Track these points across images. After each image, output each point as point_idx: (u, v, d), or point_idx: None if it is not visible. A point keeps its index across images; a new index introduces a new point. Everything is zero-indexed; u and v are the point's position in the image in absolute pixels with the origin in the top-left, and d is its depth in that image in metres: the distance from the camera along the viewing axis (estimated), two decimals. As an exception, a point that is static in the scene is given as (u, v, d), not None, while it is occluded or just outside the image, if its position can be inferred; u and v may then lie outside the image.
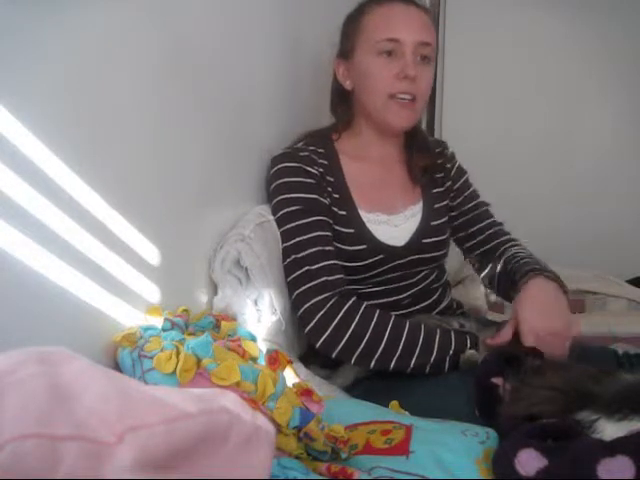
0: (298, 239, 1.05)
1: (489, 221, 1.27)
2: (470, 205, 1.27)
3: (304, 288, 1.02)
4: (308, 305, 1.01)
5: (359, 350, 0.99)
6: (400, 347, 0.99)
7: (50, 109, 0.60)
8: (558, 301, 1.01)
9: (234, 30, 1.04)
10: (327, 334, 0.99)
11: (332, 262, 1.05)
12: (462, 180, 1.29)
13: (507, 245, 1.22)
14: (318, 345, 1.01)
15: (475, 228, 1.26)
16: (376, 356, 0.99)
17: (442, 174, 1.26)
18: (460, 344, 1.00)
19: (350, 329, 0.99)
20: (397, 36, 1.07)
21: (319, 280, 1.02)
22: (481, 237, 1.26)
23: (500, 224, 1.28)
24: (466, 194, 1.27)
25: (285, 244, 1.06)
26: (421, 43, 1.08)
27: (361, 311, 1.00)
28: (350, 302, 1.01)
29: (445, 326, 1.08)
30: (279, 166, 1.11)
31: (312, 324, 1.00)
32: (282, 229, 1.07)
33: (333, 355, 1.01)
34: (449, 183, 1.26)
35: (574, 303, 1.59)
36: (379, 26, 1.09)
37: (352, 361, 1.01)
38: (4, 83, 0.54)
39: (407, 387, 0.98)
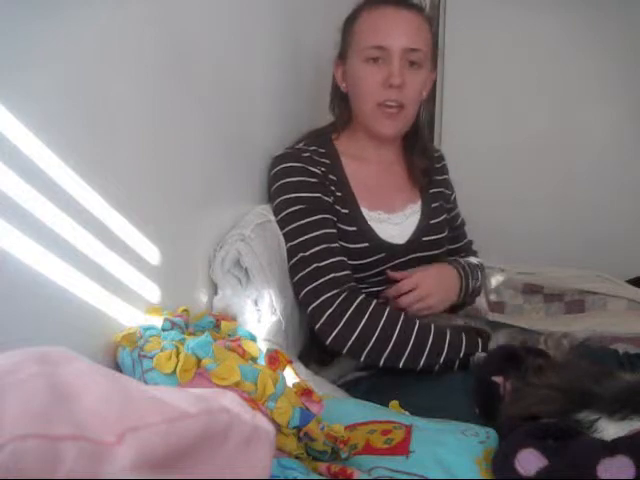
0: (304, 237, 1.05)
1: (466, 241, 1.36)
2: (457, 223, 1.33)
3: (313, 285, 1.02)
4: (318, 302, 1.01)
5: (369, 347, 0.99)
6: (410, 346, 0.99)
7: (50, 109, 0.60)
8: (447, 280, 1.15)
9: (234, 29, 1.04)
10: (337, 330, 0.99)
11: (339, 259, 1.05)
12: (454, 195, 1.34)
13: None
14: (328, 342, 1.01)
15: (456, 246, 1.33)
16: (385, 354, 0.99)
17: (440, 178, 1.29)
18: (471, 346, 1.00)
19: (360, 326, 0.99)
20: (383, 43, 1.06)
21: (328, 277, 1.02)
22: (455, 256, 1.32)
23: (471, 242, 1.38)
24: (457, 211, 1.34)
25: (291, 243, 1.06)
26: (408, 50, 1.07)
27: (371, 308, 1.00)
28: (360, 298, 1.01)
29: (454, 324, 1.08)
30: (281, 166, 1.11)
31: (322, 320, 1.00)
32: (287, 229, 1.07)
33: (344, 352, 1.01)
34: (447, 191, 1.30)
35: (574, 303, 1.59)
36: (366, 32, 1.09)
37: (362, 358, 1.01)
38: (4, 83, 0.54)
39: (407, 386, 0.98)
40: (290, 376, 0.78)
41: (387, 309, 1.02)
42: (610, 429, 0.67)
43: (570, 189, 2.12)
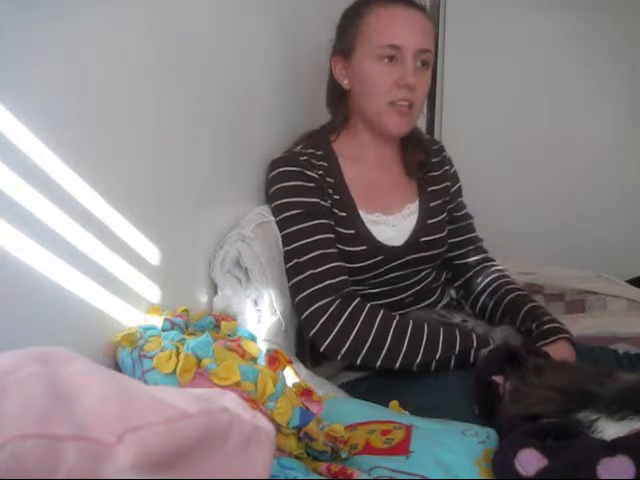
0: (300, 243, 1.05)
1: (472, 235, 1.31)
2: (459, 214, 1.30)
3: (307, 292, 1.02)
4: (312, 309, 1.01)
5: (364, 351, 0.99)
6: (405, 346, 0.99)
7: (50, 109, 0.60)
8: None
9: (234, 30, 1.04)
10: (331, 337, 0.99)
11: (335, 264, 1.04)
12: (457, 186, 1.31)
13: (485, 264, 1.28)
14: (323, 348, 1.01)
15: (459, 239, 1.29)
16: (381, 356, 0.99)
17: (439, 172, 1.26)
18: (466, 342, 1.00)
19: (354, 331, 0.99)
20: (398, 42, 1.06)
21: (322, 284, 1.02)
22: (462, 250, 1.29)
23: (481, 240, 1.32)
24: (458, 201, 1.31)
25: (287, 248, 1.06)
26: (422, 50, 1.07)
27: (365, 312, 1.00)
28: (354, 304, 1.01)
29: (446, 321, 1.08)
30: (279, 170, 1.10)
31: (316, 328, 1.00)
32: (283, 233, 1.07)
33: (338, 357, 1.01)
34: (448, 184, 1.27)
35: (574, 303, 1.59)
36: (380, 30, 1.07)
37: (358, 362, 1.00)
38: (4, 83, 0.54)
39: (407, 386, 0.98)
40: (290, 376, 0.78)
41: (381, 312, 1.02)
42: (610, 429, 0.67)
43: (570, 189, 2.12)
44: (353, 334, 0.99)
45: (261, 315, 0.99)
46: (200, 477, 0.39)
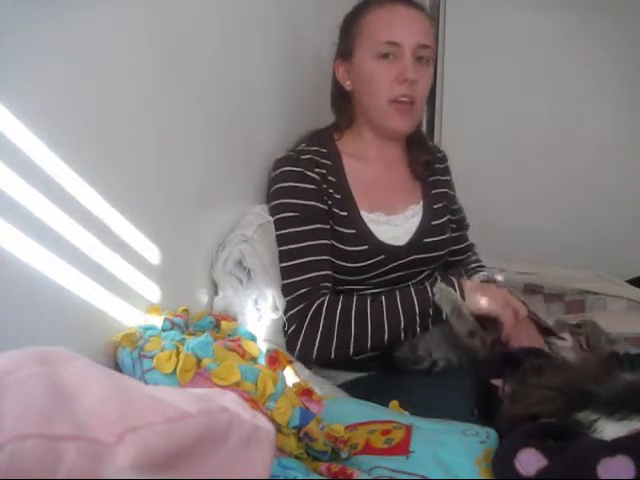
0: (289, 247, 1.06)
1: (466, 244, 1.35)
2: (457, 220, 1.32)
3: (286, 299, 1.03)
4: (287, 316, 1.03)
5: (334, 344, 1.00)
6: (369, 324, 1.00)
7: (50, 108, 0.60)
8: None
9: (235, 30, 1.04)
10: (300, 342, 1.01)
11: (314, 274, 1.04)
12: (454, 195, 1.33)
13: (478, 270, 1.32)
14: (296, 354, 1.02)
15: (461, 246, 1.33)
16: (351, 342, 1.00)
17: (444, 178, 1.28)
18: (423, 300, 1.01)
19: (319, 329, 1.00)
20: (397, 39, 1.07)
21: (297, 293, 1.03)
22: (456, 258, 1.32)
23: (473, 246, 1.37)
24: (456, 208, 1.33)
25: (279, 248, 1.07)
26: (420, 46, 1.08)
27: (325, 307, 1.01)
28: (315, 305, 1.01)
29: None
30: (280, 170, 1.11)
31: (287, 335, 1.03)
32: (277, 233, 1.08)
33: (313, 358, 1.02)
34: (452, 192, 1.30)
35: (574, 303, 1.59)
36: (379, 28, 1.09)
37: (332, 356, 1.02)
38: (4, 82, 0.54)
39: (407, 386, 0.98)
40: (290, 376, 0.78)
41: (340, 300, 1.02)
42: (610, 429, 0.67)
43: (570, 189, 2.11)
44: (319, 332, 1.00)
45: (261, 315, 0.99)
46: (200, 477, 0.39)
